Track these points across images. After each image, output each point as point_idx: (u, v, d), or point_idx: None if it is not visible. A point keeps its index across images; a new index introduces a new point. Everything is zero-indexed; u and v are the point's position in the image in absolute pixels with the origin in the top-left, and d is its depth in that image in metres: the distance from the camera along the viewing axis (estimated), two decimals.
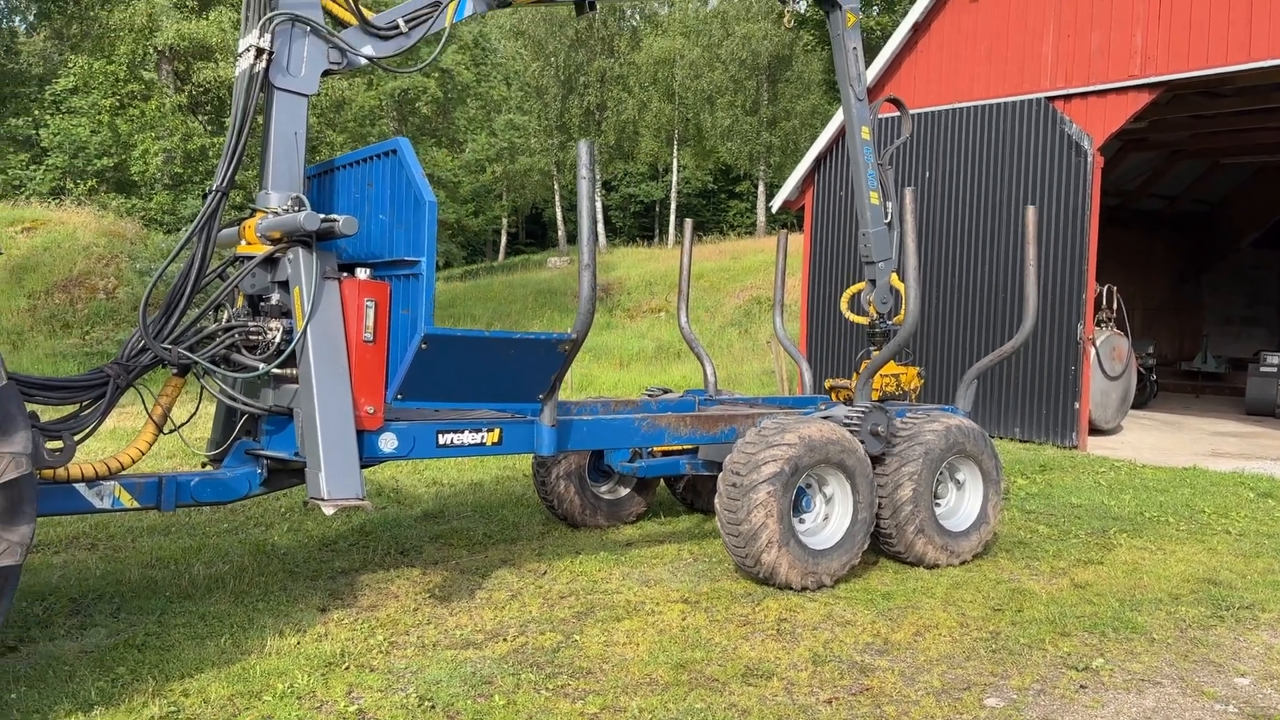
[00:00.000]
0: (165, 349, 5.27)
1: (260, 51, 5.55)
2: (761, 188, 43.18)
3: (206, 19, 26.46)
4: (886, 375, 8.37)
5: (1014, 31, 13.54)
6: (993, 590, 6.54)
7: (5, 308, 19.17)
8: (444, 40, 6.31)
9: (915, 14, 14.47)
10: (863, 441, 6.74)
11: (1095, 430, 13.77)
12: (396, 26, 6.05)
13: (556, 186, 46.12)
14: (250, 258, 5.57)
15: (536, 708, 4.54)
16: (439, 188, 30.75)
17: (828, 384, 8.69)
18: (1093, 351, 13.41)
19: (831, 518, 6.63)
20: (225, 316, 5.72)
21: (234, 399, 5.62)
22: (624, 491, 8.16)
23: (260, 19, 5.61)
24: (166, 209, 26.31)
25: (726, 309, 26.26)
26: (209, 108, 29.50)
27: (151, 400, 5.44)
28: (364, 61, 6.00)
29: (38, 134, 33.93)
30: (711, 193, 51.05)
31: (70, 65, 29.53)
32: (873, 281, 8.34)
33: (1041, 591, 6.54)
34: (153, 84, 28.05)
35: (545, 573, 6.69)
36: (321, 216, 5.33)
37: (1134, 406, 15.59)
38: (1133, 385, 14.86)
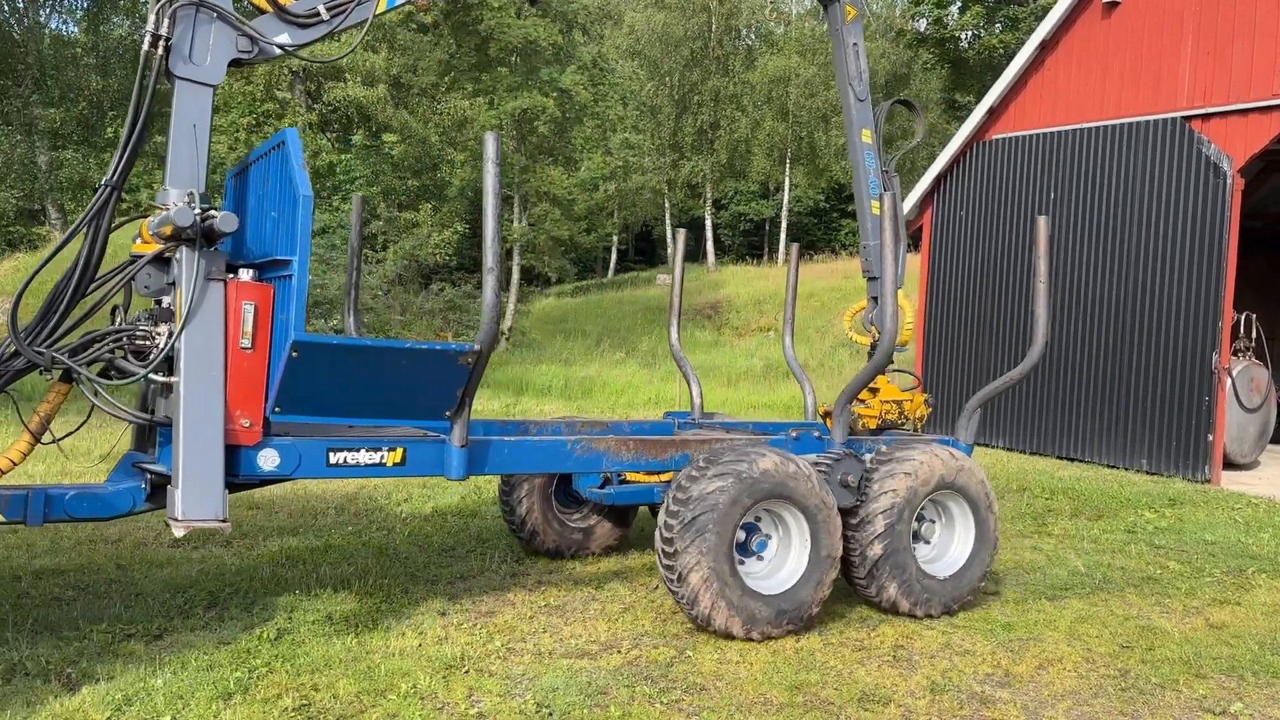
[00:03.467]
0: (38, 353, 4.85)
1: (158, 39, 5.10)
2: None
3: (339, 41, 27.63)
4: (888, 402, 7.56)
5: (1148, 48, 13.08)
6: (1120, 626, 6.29)
7: None
8: (365, 29, 5.77)
9: (1043, 31, 14.14)
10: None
11: (1230, 464, 13.11)
12: (317, 14, 5.62)
13: (667, 205, 46.42)
14: (142, 256, 5.19)
15: None
16: (554, 205, 31.20)
17: (822, 409, 7.73)
18: (1229, 382, 12.80)
19: (789, 557, 5.93)
20: (118, 320, 5.29)
21: (118, 408, 5.10)
22: (595, 519, 7.56)
23: (159, 3, 5.12)
24: None
25: (837, 329, 25.95)
26: (337, 125, 30.75)
27: (29, 410, 5.08)
28: (278, 51, 5.52)
29: None
30: (823, 211, 50.56)
31: None
32: (874, 299, 7.66)
33: (1174, 630, 6.26)
34: (287, 103, 29.35)
35: (657, 587, 6.72)
36: (197, 211, 4.93)
37: (1273, 441, 14.79)
38: (1272, 418, 14.10)
